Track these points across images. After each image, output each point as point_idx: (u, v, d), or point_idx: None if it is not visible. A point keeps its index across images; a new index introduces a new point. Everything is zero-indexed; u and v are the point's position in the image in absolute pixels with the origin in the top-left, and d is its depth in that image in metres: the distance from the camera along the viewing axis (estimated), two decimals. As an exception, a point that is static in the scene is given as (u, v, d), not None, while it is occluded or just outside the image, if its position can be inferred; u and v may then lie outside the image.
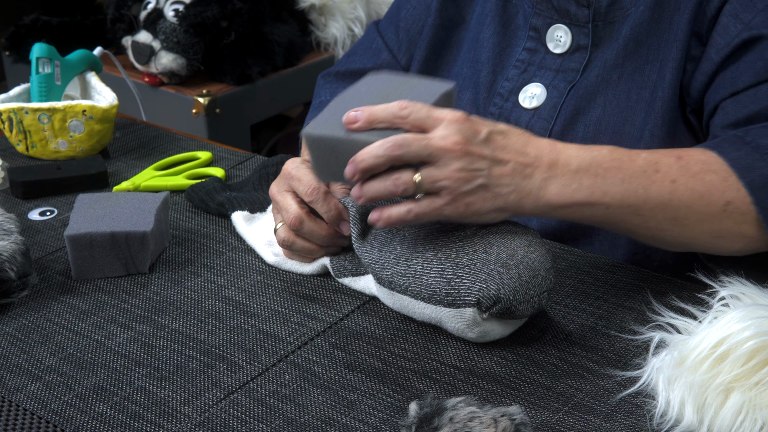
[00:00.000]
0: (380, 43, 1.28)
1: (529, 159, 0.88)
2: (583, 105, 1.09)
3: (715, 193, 0.91)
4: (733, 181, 0.91)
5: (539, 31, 1.13)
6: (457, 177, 0.85)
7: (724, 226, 0.92)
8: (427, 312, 0.88)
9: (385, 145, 0.84)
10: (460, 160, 0.85)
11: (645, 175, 0.91)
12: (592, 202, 0.89)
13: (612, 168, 0.90)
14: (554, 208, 0.89)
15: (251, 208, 1.11)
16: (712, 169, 0.92)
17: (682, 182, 0.91)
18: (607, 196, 0.90)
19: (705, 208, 0.91)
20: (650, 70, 1.07)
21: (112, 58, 1.54)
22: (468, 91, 1.18)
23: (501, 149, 0.87)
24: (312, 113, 1.25)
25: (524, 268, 0.86)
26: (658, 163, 0.92)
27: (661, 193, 0.90)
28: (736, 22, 1.01)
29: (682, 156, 0.93)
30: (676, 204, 0.91)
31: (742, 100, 0.99)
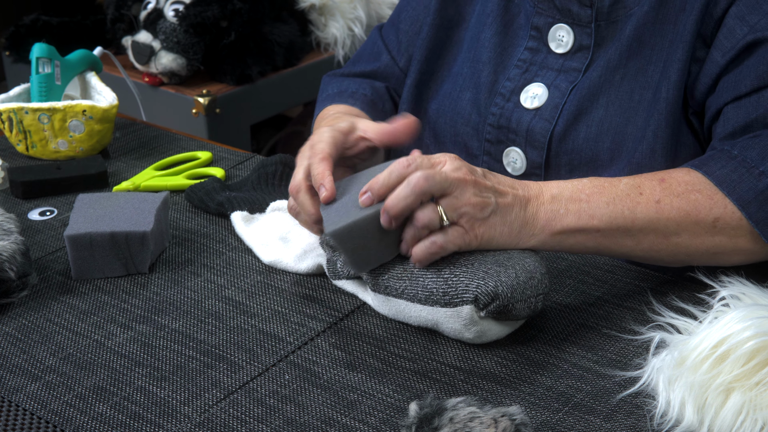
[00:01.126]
0: (381, 46, 1.29)
1: (520, 192, 0.92)
2: (585, 105, 1.09)
3: (702, 210, 0.93)
4: (719, 199, 0.93)
5: (541, 31, 1.13)
6: (474, 203, 0.88)
7: (719, 242, 0.94)
8: (424, 314, 0.88)
9: (410, 184, 0.86)
10: (473, 188, 0.88)
11: (629, 198, 0.93)
12: (581, 226, 0.92)
13: (594, 193, 0.93)
14: (549, 236, 0.91)
15: (251, 208, 1.11)
16: (696, 189, 0.94)
17: (667, 202, 0.93)
18: (595, 218, 0.92)
19: (694, 226, 0.93)
20: (653, 70, 1.06)
21: (112, 58, 1.54)
22: (468, 91, 1.18)
23: (498, 182, 0.91)
24: (320, 105, 1.25)
25: (521, 269, 0.87)
26: (641, 186, 0.94)
27: (648, 213, 0.93)
28: (742, 24, 1.00)
29: (665, 179, 0.95)
30: (664, 222, 0.93)
31: (744, 106, 0.99)
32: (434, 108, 1.21)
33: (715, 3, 1.02)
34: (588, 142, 1.08)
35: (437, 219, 0.87)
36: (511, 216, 0.90)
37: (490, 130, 1.14)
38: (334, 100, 1.24)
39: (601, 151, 1.08)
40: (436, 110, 1.20)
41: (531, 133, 1.11)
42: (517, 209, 0.91)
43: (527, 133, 1.11)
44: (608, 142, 1.07)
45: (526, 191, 0.92)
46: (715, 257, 0.95)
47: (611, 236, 0.93)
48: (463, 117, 1.18)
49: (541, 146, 1.11)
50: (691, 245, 0.94)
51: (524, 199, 0.91)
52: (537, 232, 0.91)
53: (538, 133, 1.11)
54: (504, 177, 0.93)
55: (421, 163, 0.89)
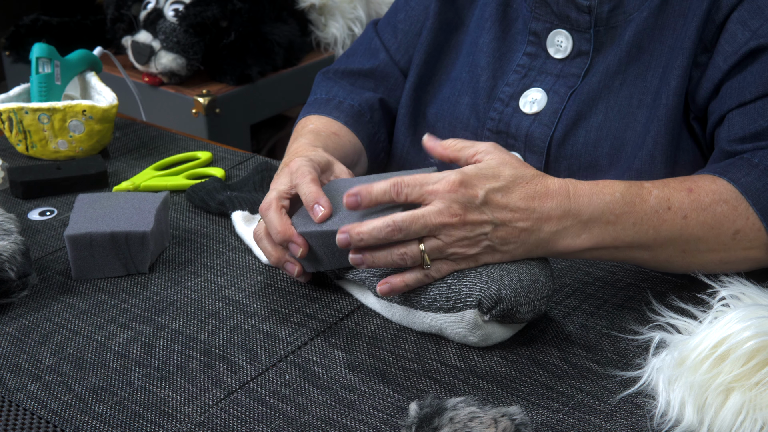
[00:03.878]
0: (378, 43, 1.28)
1: (535, 215, 0.87)
2: (584, 111, 1.09)
3: (725, 223, 0.93)
4: (743, 209, 0.93)
5: (539, 36, 1.13)
6: (462, 245, 0.86)
7: (733, 254, 0.94)
8: (427, 321, 0.88)
9: (385, 229, 0.85)
10: (461, 230, 0.86)
11: (657, 215, 0.91)
12: (600, 246, 0.91)
13: (624, 213, 0.90)
14: (562, 254, 0.90)
15: (252, 208, 1.11)
16: (723, 199, 0.93)
17: (693, 217, 0.92)
18: (618, 240, 0.91)
19: (714, 239, 0.93)
20: (652, 76, 1.06)
21: (112, 58, 1.54)
22: (467, 96, 1.18)
23: (501, 210, 0.87)
24: (305, 109, 1.24)
25: (525, 273, 0.86)
26: (670, 199, 0.92)
27: (672, 231, 0.92)
28: (744, 29, 1.00)
29: (693, 189, 0.93)
30: (686, 238, 0.92)
31: (750, 112, 0.99)
32: (433, 112, 1.20)
33: (717, 9, 1.01)
34: (587, 147, 1.08)
35: (419, 259, 0.86)
36: (512, 245, 0.87)
37: (489, 135, 1.14)
38: (319, 109, 1.21)
39: (600, 157, 1.07)
40: (435, 115, 1.20)
41: (530, 138, 1.11)
42: (524, 237, 0.87)
43: (526, 138, 1.11)
44: (607, 148, 1.07)
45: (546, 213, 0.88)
46: (724, 267, 0.95)
47: (628, 252, 0.92)
48: (462, 122, 1.17)
49: (540, 151, 1.10)
50: (704, 259, 0.94)
51: (538, 223, 0.87)
52: (549, 252, 0.89)
53: (538, 138, 1.10)
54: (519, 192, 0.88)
55: (411, 191, 0.86)
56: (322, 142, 1.11)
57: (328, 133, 1.14)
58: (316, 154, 1.02)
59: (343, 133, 1.17)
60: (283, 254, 0.95)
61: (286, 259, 0.95)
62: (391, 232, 0.85)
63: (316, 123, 1.17)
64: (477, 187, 0.86)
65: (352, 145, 1.17)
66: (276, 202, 0.95)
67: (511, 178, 0.88)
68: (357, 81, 1.26)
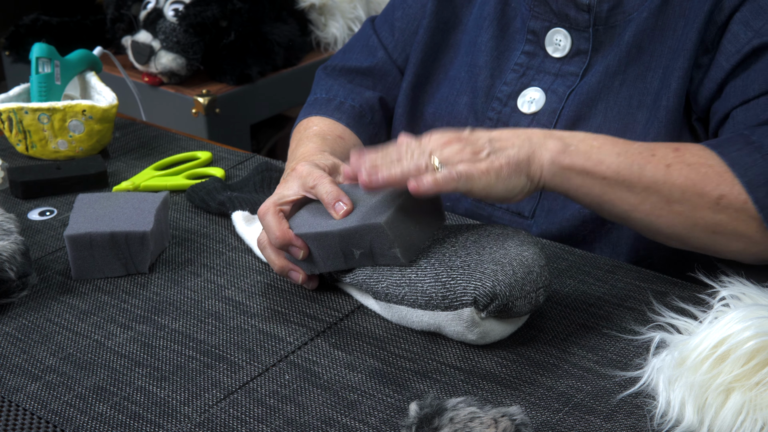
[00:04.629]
0: (376, 41, 1.27)
1: (520, 131, 0.93)
2: (584, 112, 1.09)
3: (709, 184, 0.91)
4: (728, 177, 0.91)
5: (538, 35, 1.13)
6: (466, 152, 0.89)
7: (719, 220, 0.92)
8: (425, 319, 0.88)
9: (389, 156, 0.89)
10: (460, 144, 0.89)
11: (640, 155, 0.92)
12: (588, 168, 0.91)
13: (606, 143, 0.93)
14: (559, 168, 0.91)
15: (252, 208, 1.11)
16: (708, 164, 0.92)
17: (677, 168, 0.92)
18: (603, 164, 0.91)
19: (698, 197, 0.91)
20: (652, 77, 1.06)
21: (112, 58, 1.54)
22: (465, 96, 1.17)
23: (489, 133, 0.92)
24: (306, 109, 1.24)
25: (518, 265, 0.86)
26: (654, 149, 0.93)
27: (656, 173, 0.92)
28: (747, 29, 1.00)
29: (679, 148, 0.94)
30: (669, 186, 0.91)
31: (753, 108, 0.99)
32: (431, 112, 1.20)
33: (720, 10, 1.01)
34: None
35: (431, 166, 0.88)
36: (513, 150, 0.90)
37: None
38: (320, 110, 1.21)
39: None
40: (433, 114, 1.20)
41: None
42: (520, 140, 0.91)
43: None
44: None
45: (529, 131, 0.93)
46: (714, 237, 0.93)
47: (616, 188, 0.92)
48: (460, 121, 1.17)
49: None
50: (691, 217, 0.92)
51: (527, 135, 0.92)
52: (546, 162, 0.91)
53: None
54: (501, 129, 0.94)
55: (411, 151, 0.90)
56: (329, 146, 1.11)
57: (333, 137, 1.15)
58: (323, 158, 1.02)
59: (347, 136, 1.17)
60: (287, 262, 0.96)
61: (290, 267, 0.96)
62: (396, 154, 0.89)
63: (320, 125, 1.17)
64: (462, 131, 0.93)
65: (356, 148, 1.17)
66: (273, 207, 0.95)
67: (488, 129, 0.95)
68: (356, 79, 1.26)
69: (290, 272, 0.96)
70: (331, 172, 0.99)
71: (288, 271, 0.96)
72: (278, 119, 2.40)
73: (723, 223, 0.92)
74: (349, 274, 0.93)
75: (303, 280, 0.96)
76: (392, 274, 0.90)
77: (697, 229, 0.92)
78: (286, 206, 0.96)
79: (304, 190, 0.96)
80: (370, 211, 0.90)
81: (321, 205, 0.94)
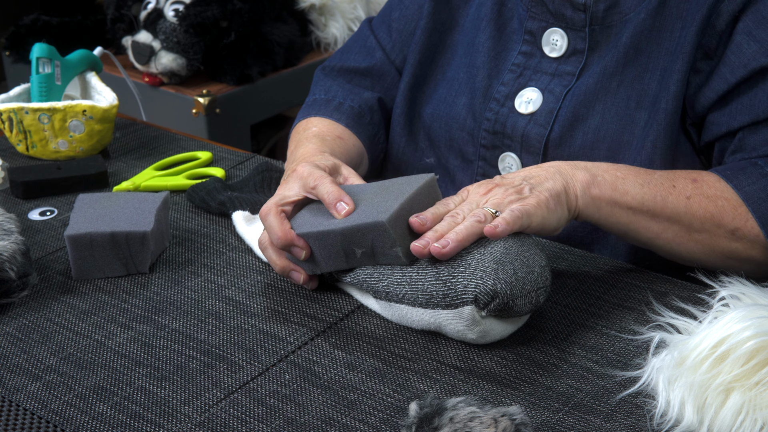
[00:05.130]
0: (374, 42, 1.27)
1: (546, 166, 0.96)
2: (581, 112, 1.09)
3: (726, 217, 0.96)
4: (742, 212, 0.97)
5: (534, 35, 1.13)
6: (511, 193, 0.92)
7: (735, 248, 0.97)
8: (426, 318, 0.88)
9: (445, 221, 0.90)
10: (501, 189, 0.93)
11: (662, 186, 0.97)
12: (616, 198, 0.95)
13: (630, 174, 0.97)
14: (590, 198, 0.95)
15: (252, 208, 1.11)
16: (725, 197, 0.97)
17: (696, 200, 0.96)
18: (629, 195, 0.95)
19: (716, 228, 0.97)
20: (650, 78, 1.06)
21: (112, 58, 1.54)
22: (464, 96, 1.17)
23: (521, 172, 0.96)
24: (305, 109, 1.24)
25: (519, 265, 0.86)
26: (674, 180, 0.98)
27: (678, 205, 0.96)
28: (751, 40, 1.00)
29: (697, 180, 0.98)
30: (690, 217, 0.96)
31: (762, 132, 1.01)
32: (429, 113, 1.20)
33: (718, 14, 1.01)
34: (584, 149, 1.08)
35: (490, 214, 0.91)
36: (550, 183, 0.93)
37: (486, 136, 1.14)
38: (319, 110, 1.21)
39: (598, 159, 1.07)
40: (431, 115, 1.20)
41: (526, 138, 1.11)
42: (552, 173, 0.94)
43: (522, 138, 1.11)
44: (604, 150, 1.07)
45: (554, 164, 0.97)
46: (728, 262, 0.97)
47: (641, 217, 0.96)
48: (458, 122, 1.17)
49: (536, 152, 1.10)
50: (709, 245, 0.97)
51: (555, 168, 0.95)
52: (579, 193, 0.94)
53: (534, 139, 1.10)
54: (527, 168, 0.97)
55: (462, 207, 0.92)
56: (328, 147, 1.11)
57: (332, 138, 1.14)
58: (323, 158, 1.02)
59: (346, 137, 1.17)
60: (288, 263, 0.96)
61: (291, 267, 0.96)
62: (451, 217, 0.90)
63: (319, 126, 1.17)
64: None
65: (356, 148, 1.17)
66: (275, 208, 0.95)
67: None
68: (354, 79, 1.26)
69: (291, 272, 0.96)
70: (332, 172, 0.99)
71: (289, 271, 0.96)
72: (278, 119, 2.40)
73: (738, 251, 0.97)
74: (349, 273, 0.93)
75: (304, 281, 0.96)
76: (393, 273, 0.90)
77: (714, 255, 0.98)
78: (288, 207, 0.96)
79: (305, 191, 0.96)
80: (371, 210, 0.90)
81: (322, 206, 0.94)
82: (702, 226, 0.96)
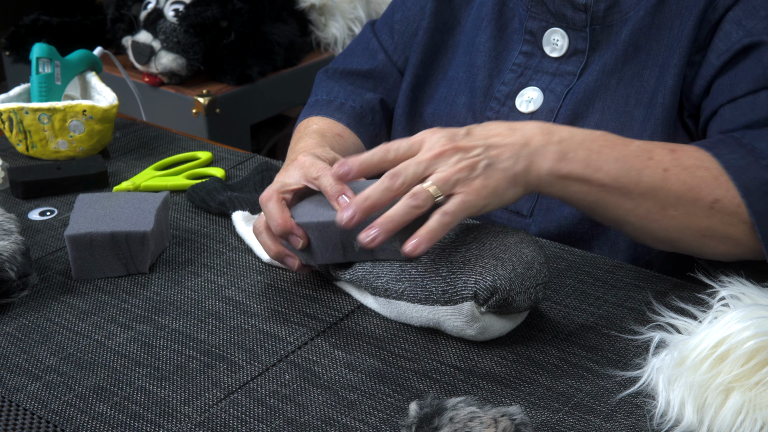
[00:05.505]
0: (376, 44, 1.28)
1: (519, 133, 0.90)
2: (581, 110, 1.09)
3: (705, 188, 0.91)
4: (723, 181, 0.92)
5: (535, 35, 1.13)
6: (462, 167, 0.86)
7: (711, 224, 0.92)
8: (425, 314, 0.88)
9: (382, 183, 0.85)
10: (456, 155, 0.87)
11: (638, 159, 0.91)
12: (587, 176, 0.90)
13: (605, 146, 0.91)
14: (555, 178, 0.89)
15: (252, 208, 1.11)
16: (705, 166, 0.92)
17: (674, 172, 0.91)
18: (601, 172, 0.90)
19: (693, 203, 0.91)
20: (649, 75, 1.06)
21: (112, 58, 1.54)
22: (464, 96, 1.18)
23: (486, 137, 0.89)
24: (307, 110, 1.24)
25: (518, 261, 0.87)
26: (652, 151, 0.92)
27: (653, 179, 0.91)
28: (738, 28, 1.00)
29: (676, 150, 0.93)
30: (665, 192, 0.91)
31: (740, 107, 0.99)
32: (430, 112, 1.21)
33: (714, 9, 1.02)
34: None
35: (430, 197, 0.86)
36: (510, 161, 0.88)
37: None
38: (321, 110, 1.22)
39: None
40: (432, 114, 1.20)
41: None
42: (517, 149, 0.88)
43: None
44: None
45: (529, 131, 0.90)
46: (703, 241, 0.93)
47: (613, 194, 0.91)
48: (459, 121, 1.17)
49: None
50: (684, 221, 0.92)
51: (525, 138, 0.89)
52: (543, 173, 0.89)
53: None
54: (497, 124, 0.90)
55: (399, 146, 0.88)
56: (328, 142, 1.11)
57: (333, 135, 1.15)
58: (324, 151, 1.02)
59: (346, 135, 1.17)
60: (283, 249, 0.95)
61: (286, 253, 0.95)
62: (390, 180, 0.86)
63: (319, 124, 1.18)
64: (457, 128, 0.90)
65: (356, 146, 1.18)
66: (277, 194, 0.94)
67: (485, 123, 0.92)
68: (357, 81, 1.26)
69: (286, 258, 0.95)
70: (332, 165, 0.99)
71: (284, 257, 0.96)
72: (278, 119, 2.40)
73: (714, 227, 0.92)
74: (348, 270, 0.93)
75: (298, 267, 0.95)
76: (392, 270, 0.90)
77: (688, 232, 0.93)
78: (288, 195, 0.95)
79: (306, 180, 0.95)
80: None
81: (323, 197, 0.94)
82: (678, 201, 0.91)
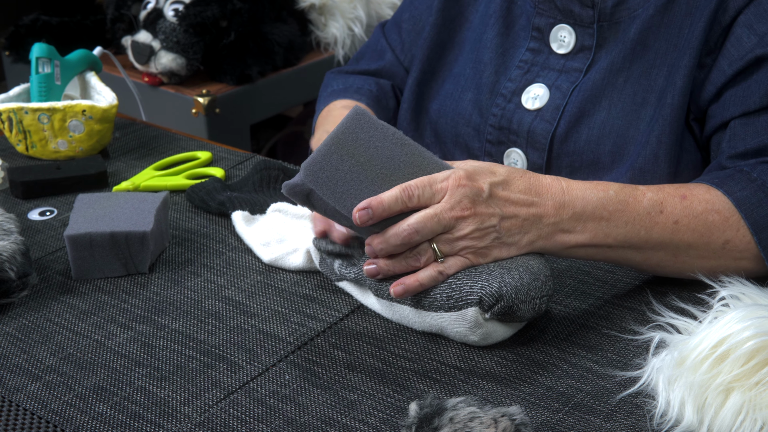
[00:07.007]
0: (384, 44, 1.30)
1: (534, 208, 0.89)
2: (587, 107, 1.09)
3: (716, 232, 0.93)
4: (734, 221, 0.93)
5: (542, 32, 1.13)
6: (473, 237, 0.86)
7: (723, 263, 0.94)
8: (428, 320, 0.88)
9: (402, 234, 0.85)
10: (473, 223, 0.86)
11: (649, 217, 0.92)
12: (594, 243, 0.91)
13: (617, 211, 0.91)
14: (564, 248, 0.90)
15: (252, 209, 1.11)
16: (716, 209, 0.93)
17: (684, 223, 0.92)
18: (610, 237, 0.91)
19: (704, 247, 0.93)
20: (657, 74, 1.06)
21: (112, 58, 1.54)
22: (470, 92, 1.18)
23: (505, 203, 0.88)
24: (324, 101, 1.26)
25: (525, 271, 0.87)
26: (663, 203, 0.93)
27: (663, 234, 0.92)
28: (750, 33, 1.00)
29: (687, 196, 0.94)
30: (676, 243, 0.93)
31: (753, 125, 0.99)
32: (435, 108, 1.21)
33: (724, 10, 1.01)
34: (589, 144, 1.08)
35: (432, 258, 0.87)
36: (518, 236, 0.88)
37: (491, 131, 1.14)
38: (339, 96, 1.24)
39: (603, 154, 1.07)
40: (438, 110, 1.21)
41: (532, 134, 1.11)
42: (527, 226, 0.88)
43: (528, 134, 1.11)
44: (610, 145, 1.07)
45: (544, 203, 0.89)
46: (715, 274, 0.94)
47: (621, 251, 0.93)
48: (465, 118, 1.18)
49: (542, 147, 1.10)
50: (695, 263, 0.94)
51: (536, 217, 0.88)
52: (549, 246, 0.90)
53: (539, 135, 1.11)
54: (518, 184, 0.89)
55: (422, 193, 0.85)
56: None
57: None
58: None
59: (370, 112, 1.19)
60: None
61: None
62: (409, 235, 0.85)
63: (344, 103, 1.20)
64: (481, 181, 0.87)
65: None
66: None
67: (506, 173, 0.89)
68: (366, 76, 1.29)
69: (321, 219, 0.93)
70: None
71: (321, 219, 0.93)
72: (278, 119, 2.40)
73: (725, 264, 0.94)
74: (353, 269, 0.93)
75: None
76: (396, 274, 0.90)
77: (701, 271, 0.94)
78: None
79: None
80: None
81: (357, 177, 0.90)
82: (689, 247, 0.93)
